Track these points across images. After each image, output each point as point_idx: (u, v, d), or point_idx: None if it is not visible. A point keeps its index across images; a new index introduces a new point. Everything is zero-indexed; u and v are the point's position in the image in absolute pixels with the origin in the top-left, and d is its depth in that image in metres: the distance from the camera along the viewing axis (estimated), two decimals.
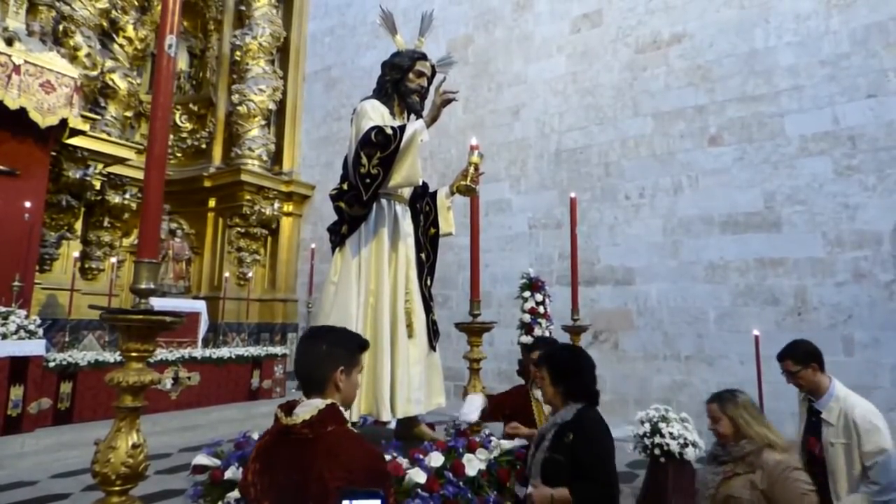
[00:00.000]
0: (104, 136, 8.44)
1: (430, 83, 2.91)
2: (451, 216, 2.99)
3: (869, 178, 5.61)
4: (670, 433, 3.69)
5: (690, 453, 3.65)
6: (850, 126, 5.77)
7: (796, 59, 6.15)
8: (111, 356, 6.38)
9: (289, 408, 1.42)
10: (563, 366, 2.16)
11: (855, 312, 5.50)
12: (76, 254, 8.00)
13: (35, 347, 5.63)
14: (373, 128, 2.49)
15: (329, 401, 1.41)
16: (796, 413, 2.90)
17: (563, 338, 3.68)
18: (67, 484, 4.59)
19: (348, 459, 1.30)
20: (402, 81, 2.81)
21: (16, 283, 6.25)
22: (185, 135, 11.01)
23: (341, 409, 1.43)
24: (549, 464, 2.00)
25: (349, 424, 1.44)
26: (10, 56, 6.42)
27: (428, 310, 2.83)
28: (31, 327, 5.71)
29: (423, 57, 2.86)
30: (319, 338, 1.51)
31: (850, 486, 2.40)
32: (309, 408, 1.38)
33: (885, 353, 5.23)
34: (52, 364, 5.81)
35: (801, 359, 2.59)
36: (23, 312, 5.82)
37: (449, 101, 2.54)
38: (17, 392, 5.43)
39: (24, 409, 5.46)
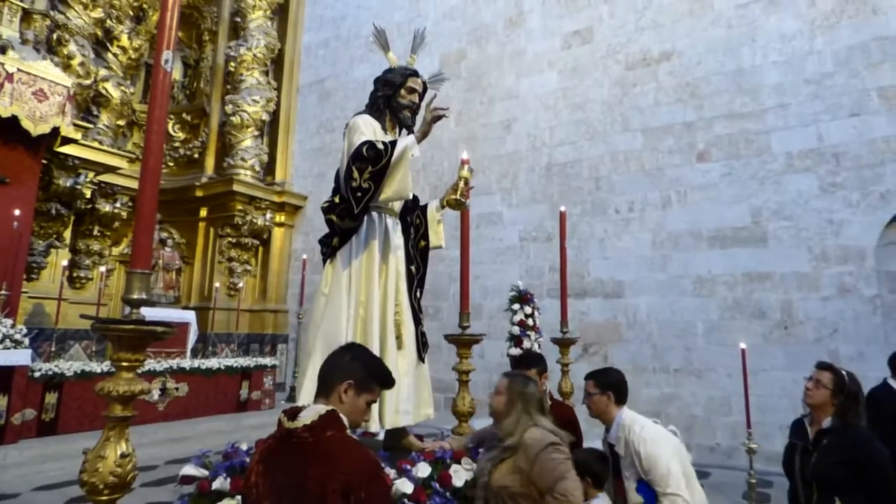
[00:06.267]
0: (96, 144, 8.42)
1: (421, 99, 2.96)
2: (441, 229, 3.03)
3: (853, 195, 5.73)
4: None
5: None
6: (834, 144, 5.89)
7: (782, 78, 6.30)
8: (98, 366, 6.30)
9: (293, 413, 1.48)
10: None
11: (840, 327, 5.58)
12: (65, 262, 7.93)
13: (20, 357, 5.55)
14: (364, 142, 2.53)
15: (330, 407, 1.47)
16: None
17: (552, 349, 3.71)
18: (50, 497, 4.52)
19: (346, 463, 1.35)
20: (393, 97, 2.87)
21: (2, 292, 6.18)
22: (177, 144, 10.99)
23: (342, 416, 1.48)
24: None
25: (348, 431, 1.50)
26: (2, 64, 6.41)
27: (417, 321, 2.85)
28: (17, 336, 5.64)
29: (415, 74, 2.91)
30: (350, 350, 1.62)
31: None
32: (311, 412, 1.44)
33: (870, 367, 5.28)
34: (37, 374, 5.73)
35: (602, 385, 2.52)
36: (9, 321, 5.75)
37: (439, 118, 2.59)
38: (0, 402, 5.35)
39: (7, 419, 5.37)
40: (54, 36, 8.40)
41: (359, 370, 1.54)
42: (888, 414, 3.35)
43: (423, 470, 2.08)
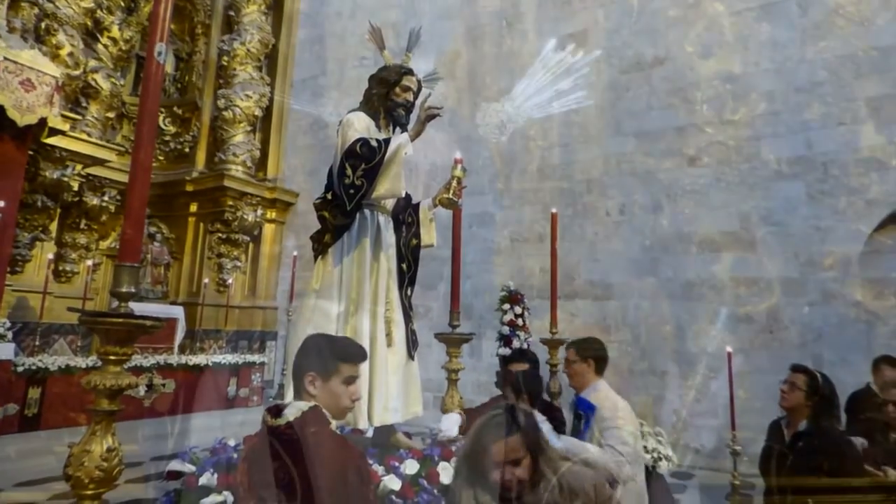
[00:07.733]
0: (84, 136, 8.31)
1: (415, 97, 2.96)
2: (432, 228, 3.04)
3: (839, 203, 5.80)
4: (644, 447, 3.74)
5: (664, 467, 3.70)
6: (822, 152, 5.97)
7: (773, 86, 6.36)
8: (83, 361, 6.23)
9: (277, 410, 1.47)
10: None
11: (824, 332, 5.66)
12: (50, 256, 7.81)
13: (3, 351, 5.49)
14: (358, 140, 2.53)
15: (312, 403, 1.46)
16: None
17: (541, 350, 3.72)
18: (33, 493, 4.46)
19: (330, 459, 1.35)
20: (388, 95, 2.87)
21: None
22: (168, 138, 10.87)
23: (325, 412, 1.47)
24: None
25: (333, 426, 1.49)
26: None
27: (407, 319, 2.85)
28: (0, 330, 5.57)
29: (410, 72, 2.92)
30: (311, 340, 1.59)
31: None
32: (294, 409, 1.44)
33: (852, 372, 5.37)
34: (20, 368, 5.65)
35: (583, 353, 2.71)
36: None
37: (433, 117, 2.60)
38: None
39: None
40: (42, 25, 8.25)
41: (314, 359, 1.51)
42: (867, 417, 3.41)
43: (411, 467, 2.09)
